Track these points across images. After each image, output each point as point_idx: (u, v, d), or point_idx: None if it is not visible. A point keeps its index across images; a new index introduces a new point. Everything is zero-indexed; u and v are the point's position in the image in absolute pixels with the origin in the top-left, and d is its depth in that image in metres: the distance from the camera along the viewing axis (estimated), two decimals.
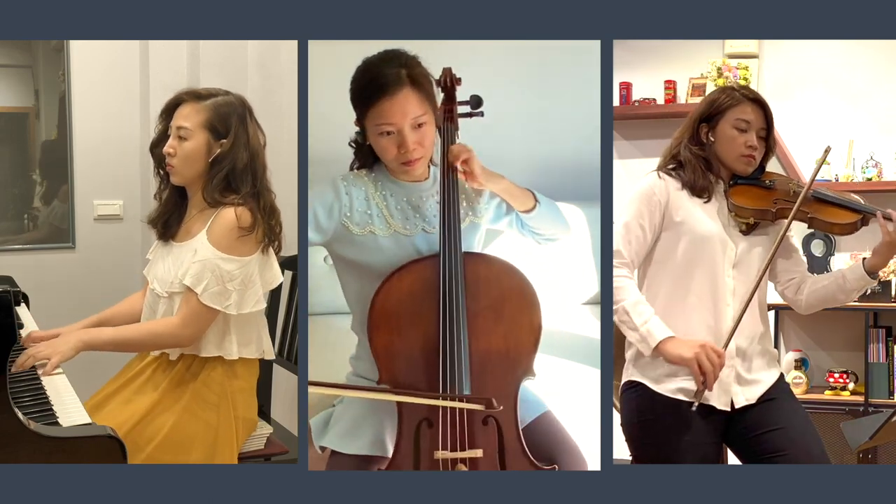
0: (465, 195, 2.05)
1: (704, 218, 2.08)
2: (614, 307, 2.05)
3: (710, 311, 2.07)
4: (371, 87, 1.87)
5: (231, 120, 2.24)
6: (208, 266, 2.17)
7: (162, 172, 2.33)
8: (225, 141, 2.23)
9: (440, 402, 1.81)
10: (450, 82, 2.03)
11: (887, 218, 2.03)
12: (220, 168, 2.22)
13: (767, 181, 2.14)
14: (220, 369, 2.29)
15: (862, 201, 2.12)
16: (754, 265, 2.10)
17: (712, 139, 2.13)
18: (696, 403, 2.00)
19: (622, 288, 2.05)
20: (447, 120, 2.02)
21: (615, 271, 2.07)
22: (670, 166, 2.16)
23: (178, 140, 2.23)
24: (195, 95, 2.26)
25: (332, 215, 1.94)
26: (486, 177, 1.97)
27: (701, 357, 1.97)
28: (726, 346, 2.01)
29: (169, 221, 2.34)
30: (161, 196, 2.36)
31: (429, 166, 2.05)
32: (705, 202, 2.10)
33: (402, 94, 1.86)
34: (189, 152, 2.23)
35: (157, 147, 2.31)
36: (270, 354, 2.42)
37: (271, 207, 2.28)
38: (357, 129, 2.00)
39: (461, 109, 2.05)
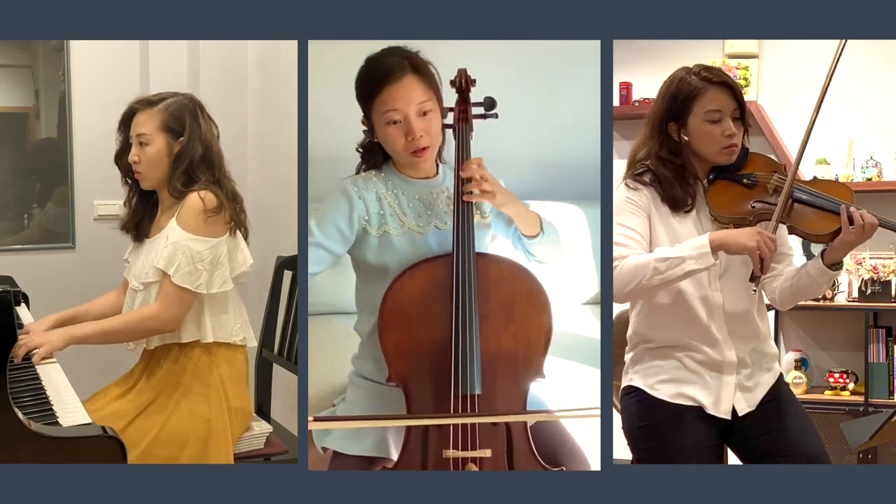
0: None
1: (686, 233, 2.01)
2: (646, 278, 1.91)
3: (699, 328, 2.03)
4: (375, 76, 1.90)
5: (184, 117, 2.34)
6: (179, 248, 2.25)
7: (130, 181, 2.45)
8: (183, 138, 2.32)
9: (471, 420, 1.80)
10: (464, 83, 2.03)
11: (850, 219, 1.93)
12: (180, 163, 2.32)
13: (746, 179, 2.02)
14: (205, 359, 2.34)
15: (848, 191, 2.02)
16: (739, 274, 2.03)
17: (686, 137, 2.03)
18: (756, 288, 1.96)
19: (638, 260, 1.93)
20: (461, 121, 2.01)
21: (624, 261, 1.95)
22: (638, 171, 2.06)
23: (140, 147, 2.34)
24: (147, 102, 2.36)
25: (352, 224, 1.95)
26: (503, 195, 1.95)
27: (762, 245, 1.89)
28: (774, 231, 1.94)
29: (141, 223, 2.44)
30: (130, 203, 2.46)
31: (437, 163, 2.05)
32: (686, 212, 2.03)
33: (406, 80, 1.88)
34: (152, 156, 2.33)
35: (120, 158, 2.43)
36: (252, 340, 2.47)
37: (233, 193, 2.38)
38: (364, 130, 1.99)
39: (475, 111, 2.05)
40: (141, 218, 2.44)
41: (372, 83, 1.90)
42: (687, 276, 1.93)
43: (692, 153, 2.05)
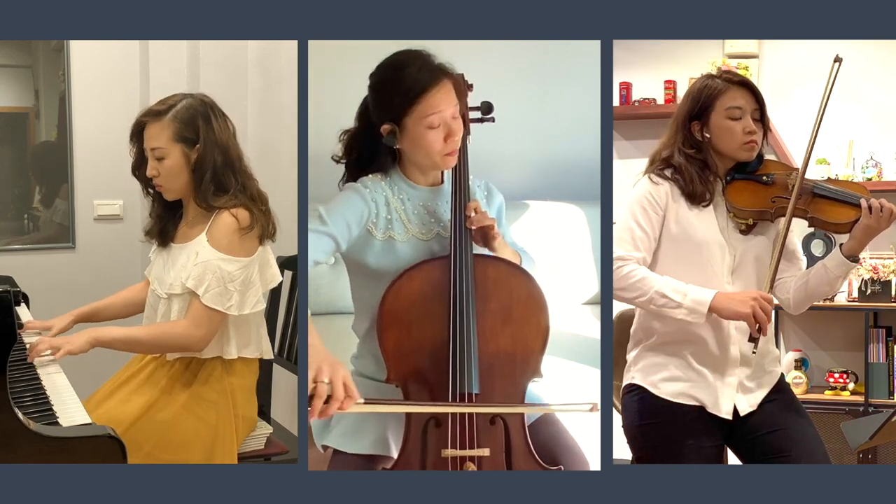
0: (475, 200, 2.06)
1: (702, 226, 2.05)
2: (642, 299, 1.99)
3: (711, 321, 2.03)
4: (416, 83, 1.88)
5: (197, 123, 2.26)
6: (209, 267, 2.20)
7: (152, 192, 2.38)
8: (199, 145, 2.25)
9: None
10: (462, 88, 2.03)
11: (870, 208, 2.00)
12: (202, 172, 2.24)
13: (765, 176, 2.08)
14: (219, 367, 2.31)
15: (864, 189, 2.08)
16: (753, 269, 2.07)
17: (708, 135, 2.08)
18: (755, 350, 2.00)
19: (644, 278, 1.99)
20: None
21: (625, 269, 2.00)
22: (661, 166, 2.10)
23: (156, 161, 2.26)
24: (155, 113, 2.27)
25: (360, 222, 1.95)
26: (501, 248, 1.98)
27: (756, 310, 1.93)
28: (770, 290, 1.99)
29: (165, 229, 2.38)
30: (155, 213, 2.40)
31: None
32: (704, 206, 2.06)
33: (445, 85, 1.90)
34: (170, 169, 2.25)
35: (138, 170, 2.35)
36: (269, 354, 2.44)
37: (259, 194, 2.32)
38: (386, 137, 1.95)
39: (472, 115, 2.06)
40: (166, 223, 2.37)
41: (414, 91, 1.88)
42: (674, 318, 1.99)
43: (713, 150, 2.09)
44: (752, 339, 1.99)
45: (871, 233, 2.02)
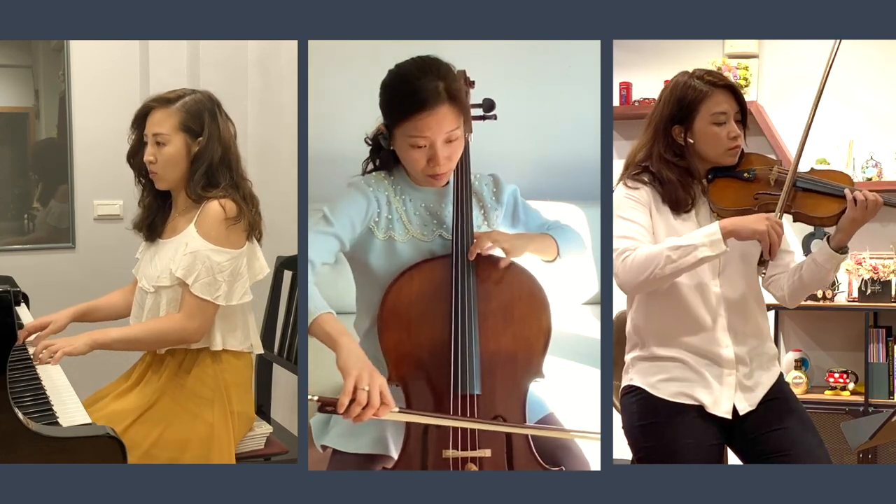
0: (480, 203, 2.06)
1: (686, 232, 2.00)
2: (659, 268, 1.90)
3: (700, 323, 2.04)
4: (409, 100, 1.84)
5: (203, 117, 2.28)
6: (199, 257, 2.22)
7: (143, 181, 2.38)
8: (201, 139, 2.27)
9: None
10: (464, 85, 2.03)
11: (854, 200, 1.99)
12: (198, 165, 2.26)
13: (746, 173, 2.05)
14: (211, 364, 2.32)
15: (848, 178, 2.07)
16: (739, 268, 2.06)
17: (691, 140, 2.05)
18: (765, 271, 2.09)
19: (649, 251, 1.92)
20: None
21: (630, 256, 1.93)
22: (636, 171, 2.07)
23: (156, 147, 2.27)
24: (164, 100, 2.29)
25: (364, 221, 1.95)
26: (510, 245, 1.95)
27: (771, 230, 1.92)
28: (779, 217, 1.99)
29: (154, 223, 2.39)
30: (144, 203, 2.41)
31: None
32: (687, 212, 2.04)
33: (440, 110, 1.84)
34: (170, 157, 2.27)
35: (134, 157, 2.36)
36: (259, 348, 2.45)
37: (251, 195, 2.33)
38: (382, 136, 1.96)
39: (474, 112, 2.04)
40: (154, 218, 2.38)
41: (405, 108, 1.85)
42: (699, 263, 1.93)
43: (696, 155, 2.07)
44: (762, 262, 2.04)
45: (857, 224, 2.00)
